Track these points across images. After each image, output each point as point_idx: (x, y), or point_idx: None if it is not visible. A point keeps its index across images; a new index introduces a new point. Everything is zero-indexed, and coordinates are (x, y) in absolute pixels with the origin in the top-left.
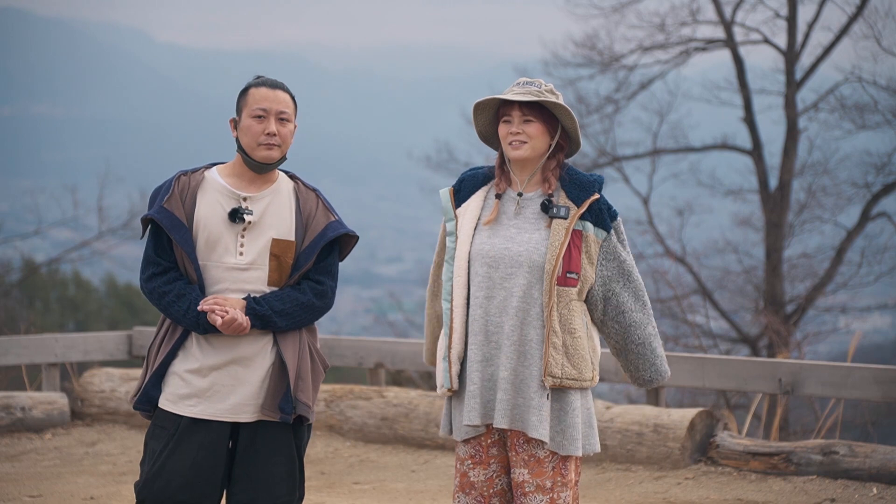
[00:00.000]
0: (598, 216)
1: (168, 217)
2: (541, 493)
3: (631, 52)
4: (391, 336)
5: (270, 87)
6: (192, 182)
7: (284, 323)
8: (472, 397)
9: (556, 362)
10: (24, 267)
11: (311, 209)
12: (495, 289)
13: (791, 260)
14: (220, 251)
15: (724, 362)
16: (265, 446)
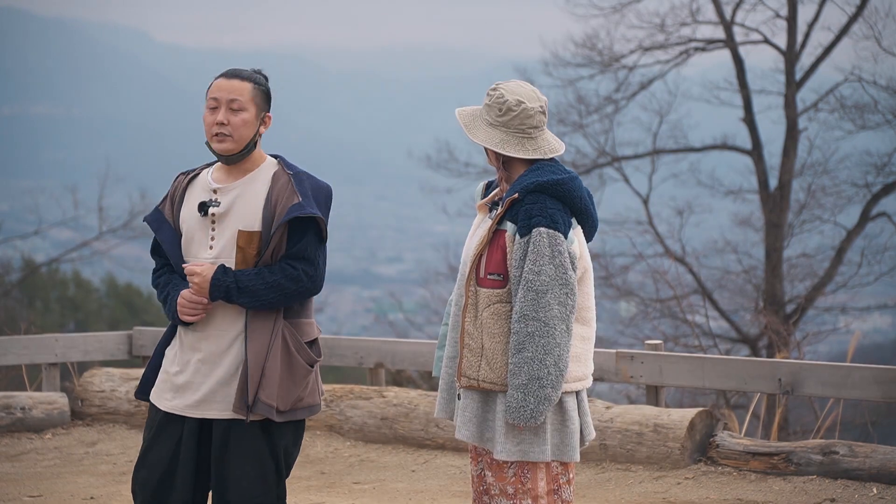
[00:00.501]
0: (516, 216)
1: (156, 219)
2: (504, 497)
3: (631, 52)
4: (391, 336)
5: (227, 76)
6: (185, 181)
7: (246, 300)
8: (440, 392)
9: (472, 364)
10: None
11: (279, 193)
12: (460, 288)
13: (791, 260)
14: (196, 246)
15: (724, 362)
16: (236, 446)
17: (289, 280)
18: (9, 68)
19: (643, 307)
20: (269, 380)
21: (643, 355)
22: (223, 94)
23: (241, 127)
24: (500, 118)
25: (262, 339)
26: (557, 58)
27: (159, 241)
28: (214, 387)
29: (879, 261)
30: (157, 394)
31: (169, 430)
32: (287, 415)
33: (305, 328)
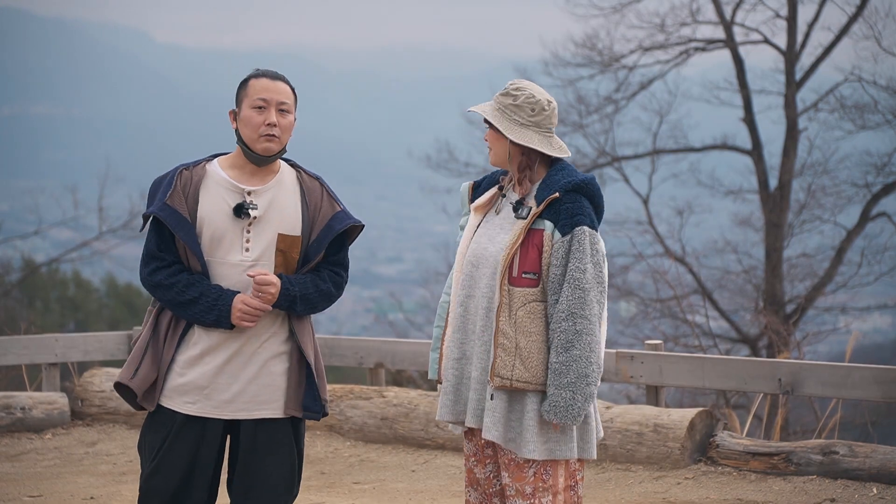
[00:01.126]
0: (556, 215)
1: (171, 214)
2: (521, 497)
3: (631, 53)
4: (391, 336)
5: (271, 78)
6: (195, 177)
7: (304, 308)
8: (445, 394)
9: (506, 363)
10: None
11: (316, 200)
12: (474, 288)
13: (791, 260)
14: (226, 247)
15: (724, 362)
16: (267, 444)
17: (337, 288)
18: (9, 68)
19: (643, 307)
20: (322, 380)
21: (643, 355)
22: (272, 95)
23: (287, 129)
24: (532, 118)
25: (310, 340)
26: (557, 58)
27: (171, 240)
28: (244, 386)
29: (879, 261)
30: (173, 398)
31: (187, 434)
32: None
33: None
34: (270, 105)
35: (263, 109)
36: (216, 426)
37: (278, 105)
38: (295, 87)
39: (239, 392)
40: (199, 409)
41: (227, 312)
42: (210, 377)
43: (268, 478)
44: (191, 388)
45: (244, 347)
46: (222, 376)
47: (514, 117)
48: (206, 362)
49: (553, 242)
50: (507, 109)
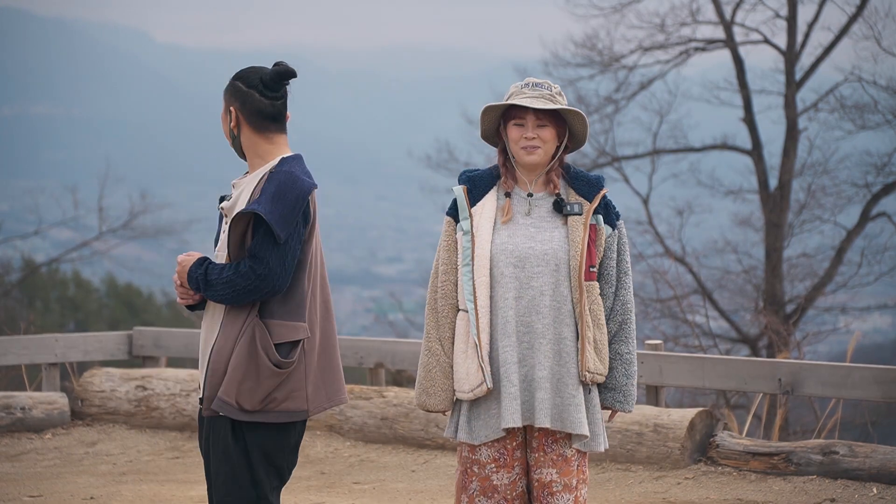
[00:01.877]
0: (606, 211)
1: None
2: (567, 492)
3: (631, 53)
4: (391, 336)
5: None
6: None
7: (211, 294)
8: (513, 399)
9: (591, 358)
10: (24, 267)
11: (259, 190)
12: (523, 288)
13: (791, 260)
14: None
15: (724, 362)
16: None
17: (239, 277)
18: (9, 68)
19: (643, 307)
20: (230, 377)
21: (643, 355)
22: None
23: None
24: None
25: (229, 336)
26: (557, 58)
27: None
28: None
29: (879, 261)
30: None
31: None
32: (256, 415)
33: (277, 329)
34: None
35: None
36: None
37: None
38: (295, 86)
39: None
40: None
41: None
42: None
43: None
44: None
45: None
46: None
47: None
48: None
49: (605, 236)
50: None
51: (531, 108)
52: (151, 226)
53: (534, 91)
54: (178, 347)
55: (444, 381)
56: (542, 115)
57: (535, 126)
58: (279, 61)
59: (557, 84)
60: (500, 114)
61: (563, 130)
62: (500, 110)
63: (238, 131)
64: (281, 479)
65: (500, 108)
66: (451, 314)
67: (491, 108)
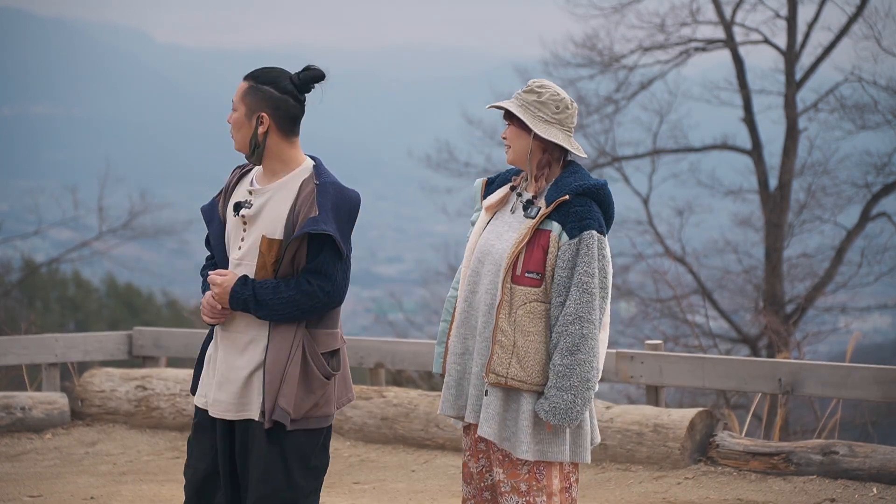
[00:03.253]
0: (564, 217)
1: (209, 211)
2: (516, 495)
3: (631, 53)
4: (391, 336)
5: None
6: (235, 176)
7: (264, 313)
8: (448, 388)
9: (502, 361)
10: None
11: (303, 203)
12: (476, 284)
13: (791, 260)
14: (231, 244)
15: (724, 362)
16: (254, 448)
17: (304, 296)
18: (9, 68)
19: (643, 307)
20: (288, 387)
21: (643, 355)
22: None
23: (232, 127)
24: (556, 115)
25: (283, 347)
26: (557, 58)
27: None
28: (236, 388)
29: (879, 261)
30: (198, 391)
31: (206, 428)
32: (299, 423)
33: (323, 338)
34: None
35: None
36: (222, 424)
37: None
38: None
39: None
40: (206, 405)
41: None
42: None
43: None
44: (205, 384)
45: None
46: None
47: (538, 114)
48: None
49: (560, 244)
50: (532, 106)
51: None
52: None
53: (521, 93)
54: (178, 347)
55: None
56: (507, 115)
57: (505, 126)
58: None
59: (553, 86)
60: None
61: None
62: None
63: (265, 138)
64: (318, 481)
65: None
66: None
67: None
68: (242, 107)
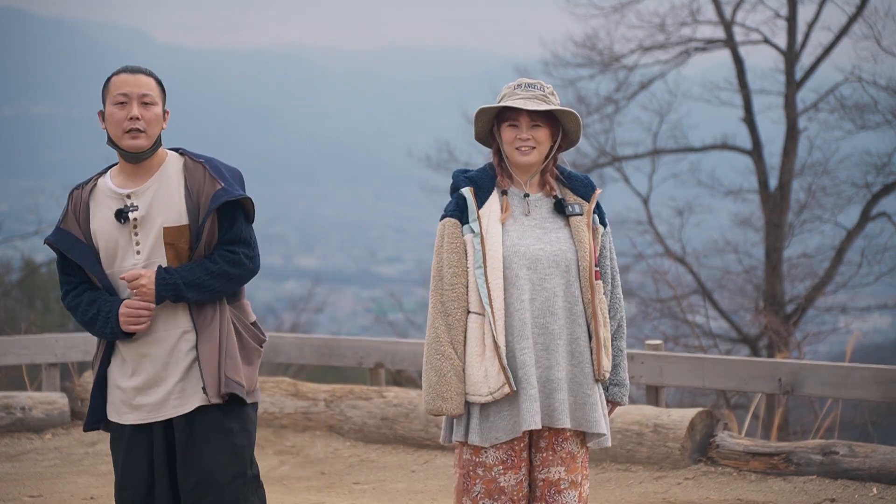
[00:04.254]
0: (599, 211)
1: (63, 238)
2: (574, 488)
3: (631, 52)
4: (391, 336)
5: (131, 72)
6: (84, 195)
7: (196, 294)
8: (533, 401)
9: (605, 357)
10: (24, 267)
11: (199, 183)
12: (536, 290)
13: (791, 260)
14: (121, 256)
15: (724, 362)
16: (202, 433)
17: (232, 265)
18: (9, 68)
19: (643, 307)
20: (232, 360)
21: (643, 355)
22: (132, 88)
23: (153, 122)
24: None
25: (211, 326)
26: (557, 58)
27: (73, 261)
28: (172, 386)
29: (879, 261)
30: (118, 411)
31: (138, 443)
32: (252, 395)
33: (247, 308)
34: (132, 99)
35: (125, 105)
36: (159, 429)
37: (140, 98)
38: (295, 86)
39: (168, 392)
40: (137, 418)
41: (118, 324)
42: (140, 382)
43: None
44: (125, 400)
45: (164, 348)
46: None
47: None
48: (131, 371)
49: (601, 235)
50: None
51: (525, 109)
52: None
53: (527, 91)
54: None
55: (459, 384)
56: (536, 115)
57: (530, 127)
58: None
59: (550, 84)
60: (493, 115)
61: (556, 130)
62: (493, 112)
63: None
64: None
65: (494, 110)
66: (464, 317)
67: (485, 111)
68: (160, 102)
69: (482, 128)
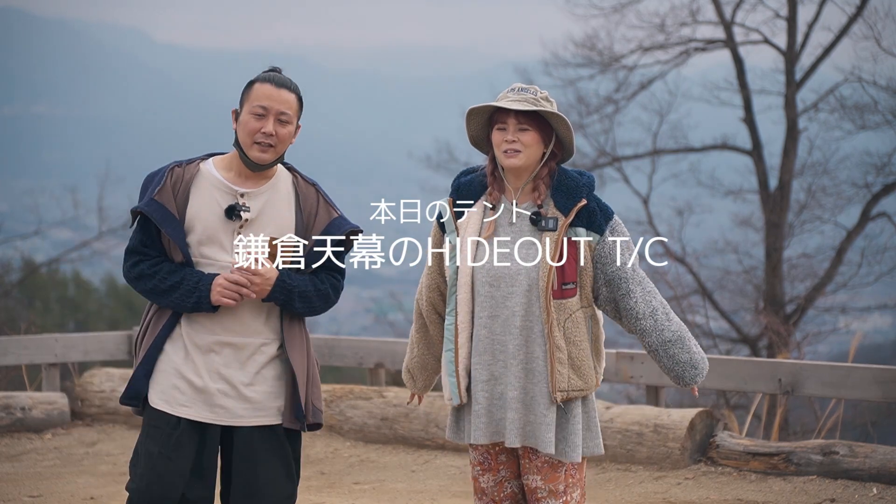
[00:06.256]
0: (589, 219)
1: (159, 210)
2: (553, 497)
3: (631, 53)
4: (391, 336)
5: (276, 85)
6: (186, 175)
7: (302, 305)
8: (478, 416)
9: (563, 377)
10: (24, 267)
11: (311, 206)
12: (498, 308)
13: (791, 260)
14: (216, 248)
15: (724, 362)
16: (263, 451)
17: (333, 290)
18: (9, 68)
19: None
20: (317, 388)
21: (643, 355)
22: (273, 104)
23: (285, 140)
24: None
25: (301, 347)
26: (557, 58)
27: (156, 236)
28: (248, 394)
29: (879, 261)
30: (168, 401)
31: (189, 439)
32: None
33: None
34: (269, 113)
35: (262, 117)
36: (215, 432)
37: (278, 114)
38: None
39: (241, 399)
40: (195, 414)
41: (208, 293)
42: (207, 381)
43: (263, 487)
44: (185, 391)
45: (238, 351)
46: (220, 381)
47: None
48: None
49: (595, 246)
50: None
51: (512, 110)
52: None
53: (518, 95)
54: None
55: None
56: (524, 118)
57: (517, 130)
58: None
59: (550, 85)
60: (487, 120)
61: (548, 136)
62: (486, 116)
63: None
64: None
65: (487, 114)
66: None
67: (473, 113)
68: (296, 120)
69: (478, 133)
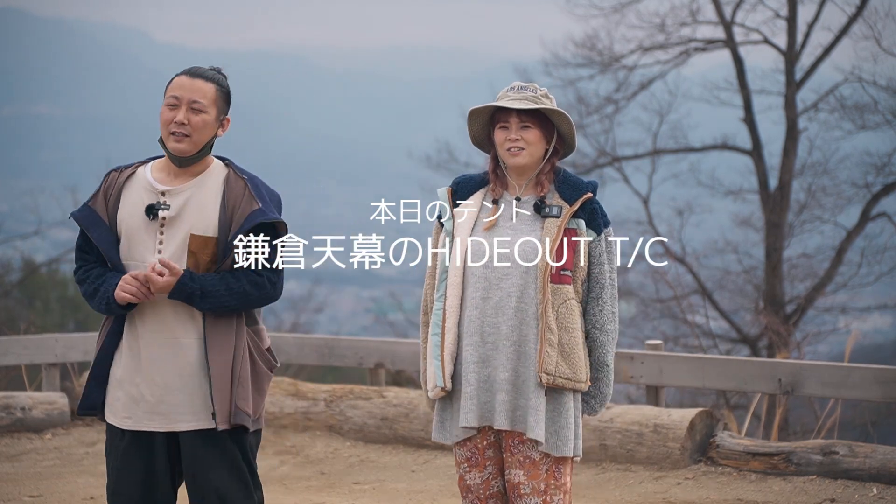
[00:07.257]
0: (590, 216)
1: (89, 215)
2: (536, 495)
3: (631, 53)
4: (391, 336)
5: (191, 75)
6: (120, 179)
7: (206, 304)
8: (469, 398)
9: (551, 359)
10: (24, 267)
11: (236, 199)
12: (491, 289)
13: (791, 260)
14: (141, 249)
15: (724, 362)
16: (207, 456)
17: (254, 287)
18: (9, 68)
19: (643, 307)
20: (243, 388)
21: (643, 355)
22: (185, 93)
23: (200, 128)
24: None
25: (225, 346)
26: (557, 58)
27: (92, 241)
28: (179, 397)
29: (879, 261)
30: (115, 413)
31: (137, 450)
32: (257, 423)
33: (263, 334)
34: (181, 103)
35: (175, 107)
36: (161, 439)
37: (190, 103)
38: (295, 86)
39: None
40: (135, 424)
41: (113, 292)
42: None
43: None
44: (127, 402)
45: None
46: (155, 388)
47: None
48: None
49: (589, 241)
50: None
51: (514, 109)
52: None
53: (518, 94)
54: None
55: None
56: (526, 116)
57: (519, 128)
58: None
59: (549, 84)
60: (488, 119)
61: (549, 133)
62: (488, 116)
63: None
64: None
65: (488, 114)
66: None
67: (475, 113)
68: (214, 110)
69: (479, 132)
